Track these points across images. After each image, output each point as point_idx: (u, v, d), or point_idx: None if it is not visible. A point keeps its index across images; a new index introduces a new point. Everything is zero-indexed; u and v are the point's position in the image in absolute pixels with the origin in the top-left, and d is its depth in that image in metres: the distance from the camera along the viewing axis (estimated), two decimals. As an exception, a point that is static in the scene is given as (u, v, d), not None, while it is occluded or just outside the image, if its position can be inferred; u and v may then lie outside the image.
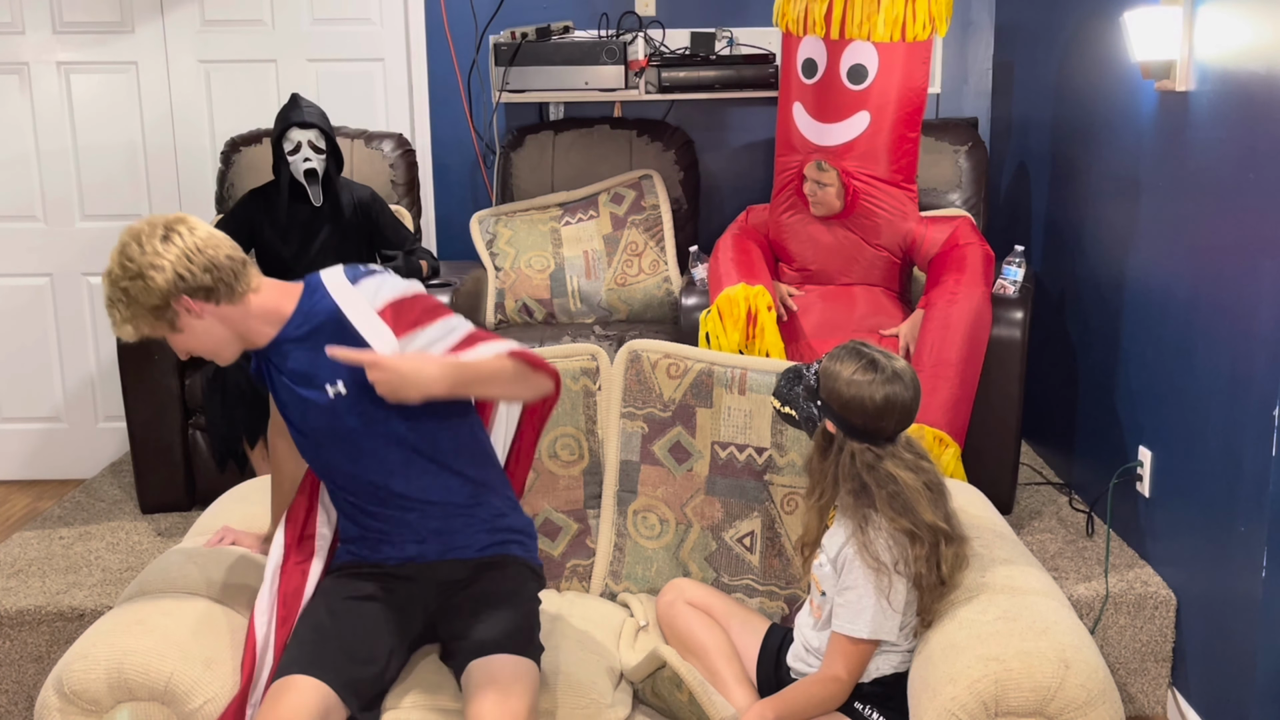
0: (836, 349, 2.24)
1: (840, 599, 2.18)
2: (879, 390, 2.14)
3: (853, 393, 2.15)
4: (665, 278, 3.89)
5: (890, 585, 2.14)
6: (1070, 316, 3.54)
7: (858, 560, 2.15)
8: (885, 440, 2.17)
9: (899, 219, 3.25)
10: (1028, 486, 3.55)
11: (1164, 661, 2.89)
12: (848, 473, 2.18)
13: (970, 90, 4.31)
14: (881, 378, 2.14)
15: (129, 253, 1.96)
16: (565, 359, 2.71)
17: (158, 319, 1.99)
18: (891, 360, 2.18)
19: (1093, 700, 1.92)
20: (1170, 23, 2.71)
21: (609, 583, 2.69)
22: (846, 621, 2.16)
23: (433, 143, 4.35)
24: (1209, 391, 2.65)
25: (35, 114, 4.24)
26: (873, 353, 2.19)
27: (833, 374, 2.18)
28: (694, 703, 2.21)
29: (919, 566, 2.14)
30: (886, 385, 2.14)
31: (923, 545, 2.14)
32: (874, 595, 2.14)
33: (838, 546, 2.21)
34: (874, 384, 2.14)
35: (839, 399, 2.17)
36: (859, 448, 2.17)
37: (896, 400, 2.14)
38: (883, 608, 2.14)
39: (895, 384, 2.15)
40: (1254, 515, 2.44)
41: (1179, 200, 2.80)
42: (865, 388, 2.14)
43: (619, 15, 4.17)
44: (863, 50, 3.10)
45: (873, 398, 2.14)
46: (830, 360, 2.21)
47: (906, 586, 2.17)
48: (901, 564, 2.15)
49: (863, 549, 2.15)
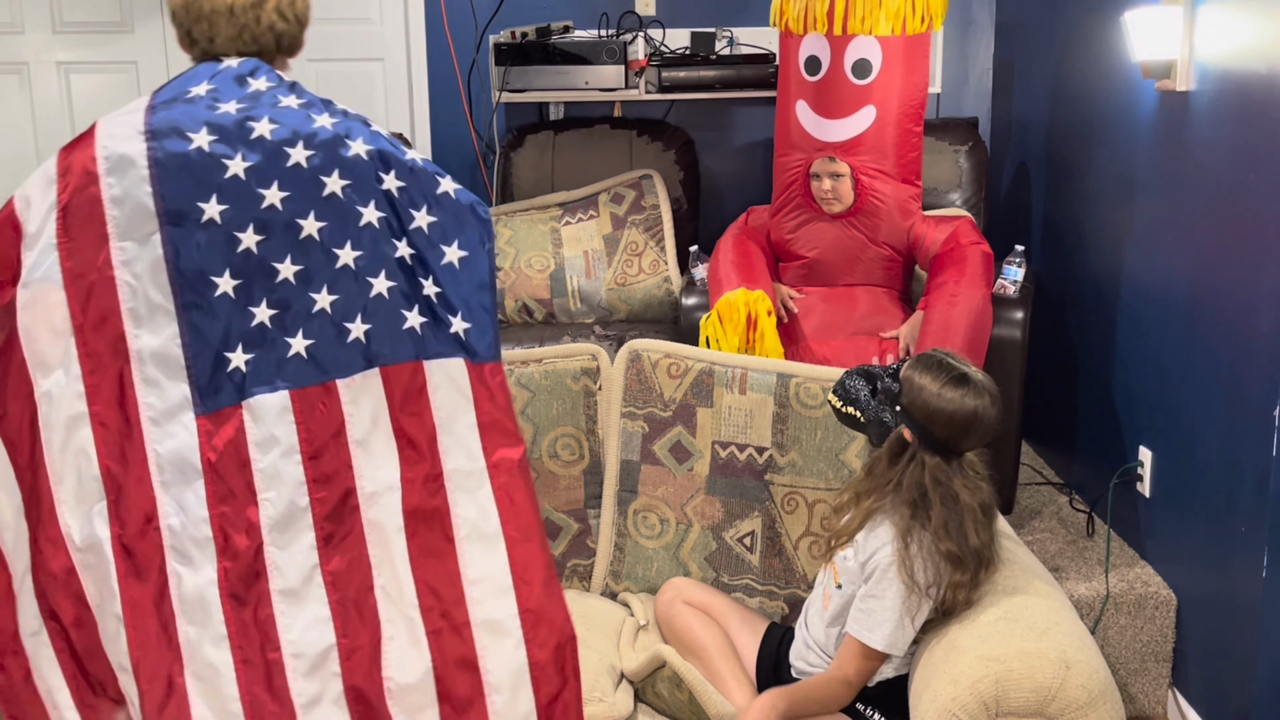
0: (922, 357, 2.22)
1: (863, 604, 2.17)
2: (969, 404, 2.12)
3: (941, 405, 2.13)
4: (665, 278, 3.89)
5: (919, 606, 2.14)
6: (1070, 316, 3.54)
7: (892, 571, 2.14)
8: (957, 456, 2.16)
9: (903, 215, 3.25)
10: (1028, 486, 3.55)
11: (1164, 661, 2.89)
12: (913, 482, 2.15)
13: (970, 90, 4.31)
14: (972, 392, 2.13)
15: None
16: (565, 359, 2.71)
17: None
18: (978, 374, 2.16)
19: (1093, 700, 1.92)
20: (1170, 22, 2.71)
21: (609, 582, 2.69)
22: (865, 629, 2.16)
23: (433, 143, 4.35)
24: (1209, 391, 2.65)
25: (35, 114, 4.24)
26: (960, 365, 2.17)
27: (920, 384, 2.16)
28: (694, 702, 2.21)
29: (954, 594, 2.13)
30: (976, 399, 2.13)
31: (965, 571, 2.12)
32: (899, 611, 2.13)
33: (872, 550, 2.19)
34: (964, 397, 2.12)
35: (924, 409, 2.14)
36: (933, 461, 2.15)
37: (984, 416, 2.13)
38: (904, 625, 2.14)
39: (983, 398, 2.13)
40: (1254, 515, 2.44)
41: (1179, 200, 2.80)
42: (955, 401, 2.12)
43: (619, 15, 4.17)
44: (866, 45, 3.11)
45: (961, 411, 2.12)
46: (915, 369, 2.19)
47: (931, 609, 2.16)
48: (934, 588, 2.14)
49: (901, 563, 2.13)
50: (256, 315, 1.70)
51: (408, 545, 1.68)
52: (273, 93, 1.77)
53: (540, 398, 2.68)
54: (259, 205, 1.70)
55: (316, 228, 1.72)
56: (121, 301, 1.68)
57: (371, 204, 1.73)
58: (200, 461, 1.67)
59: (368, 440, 1.70)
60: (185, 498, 1.66)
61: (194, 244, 1.68)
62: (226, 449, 1.68)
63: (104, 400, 1.68)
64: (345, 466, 1.69)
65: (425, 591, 1.67)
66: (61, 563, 1.68)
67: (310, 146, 1.73)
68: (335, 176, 1.72)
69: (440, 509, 1.68)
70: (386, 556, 1.68)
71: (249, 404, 1.69)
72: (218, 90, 1.74)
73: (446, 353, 1.71)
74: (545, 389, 2.69)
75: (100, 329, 1.69)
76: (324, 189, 1.73)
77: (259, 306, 1.70)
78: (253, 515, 1.67)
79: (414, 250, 1.74)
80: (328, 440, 1.70)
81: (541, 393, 2.69)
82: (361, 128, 1.77)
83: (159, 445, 1.67)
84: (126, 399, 1.68)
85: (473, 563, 1.67)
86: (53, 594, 1.69)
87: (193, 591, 1.65)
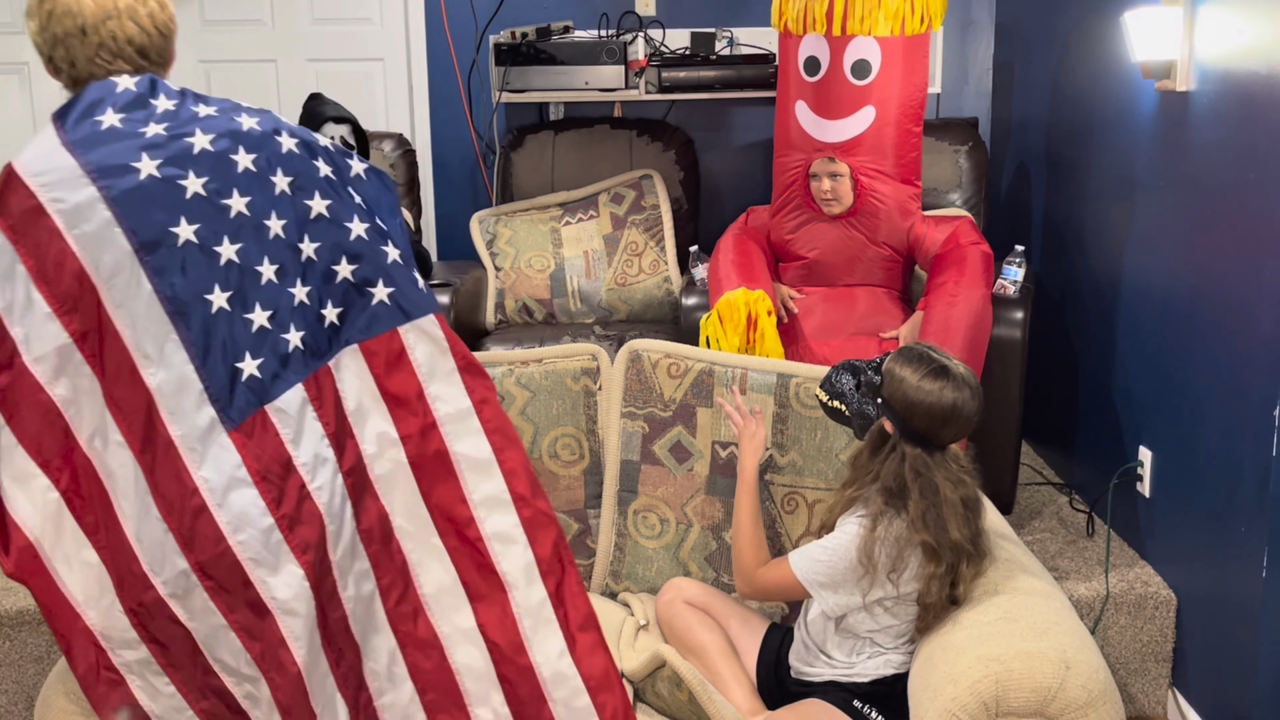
0: (903, 350, 2.25)
1: (815, 541, 2.27)
2: (947, 396, 2.14)
3: (919, 397, 2.15)
4: (665, 278, 3.89)
5: (871, 585, 2.17)
6: (1070, 316, 3.54)
7: (848, 538, 2.19)
8: (938, 448, 2.18)
9: (903, 216, 3.25)
10: (1028, 486, 3.55)
11: (1164, 661, 2.89)
12: (892, 473, 2.18)
13: (970, 90, 4.31)
14: (951, 385, 2.15)
15: None
16: (565, 359, 2.71)
17: None
18: (958, 367, 2.19)
19: (1093, 700, 1.92)
20: (1170, 23, 2.71)
21: (609, 582, 2.69)
22: (800, 554, 2.26)
23: (433, 143, 4.35)
24: (1209, 391, 2.65)
25: (35, 114, 4.24)
26: (941, 358, 2.19)
27: (900, 376, 2.18)
28: (694, 702, 2.21)
29: (928, 585, 2.14)
30: (955, 392, 2.15)
31: (940, 564, 2.13)
32: (837, 567, 2.19)
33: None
34: (943, 390, 2.14)
35: (904, 400, 2.17)
36: (913, 452, 2.17)
37: (963, 408, 2.15)
38: (836, 581, 2.20)
39: (963, 391, 2.15)
40: (1254, 515, 2.44)
41: (1179, 200, 2.80)
42: (934, 393, 2.14)
43: (619, 15, 4.17)
44: (865, 45, 3.11)
45: (940, 403, 2.14)
46: (896, 362, 2.21)
47: (898, 597, 2.18)
48: (896, 574, 2.15)
49: (863, 543, 2.16)
50: (255, 321, 1.76)
51: (418, 485, 1.89)
52: (184, 106, 1.79)
53: (540, 398, 2.68)
54: (228, 216, 1.75)
55: (280, 225, 1.79)
56: (128, 345, 1.71)
57: (317, 194, 1.83)
58: (248, 474, 1.73)
59: (360, 409, 1.86)
60: (247, 512, 1.73)
61: (178, 269, 1.71)
62: (267, 455, 1.75)
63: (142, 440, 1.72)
64: (350, 436, 1.84)
65: (440, 518, 1.90)
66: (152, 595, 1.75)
67: (251, 150, 1.79)
68: (280, 175, 1.80)
69: (440, 450, 1.89)
70: (401, 501, 1.89)
71: (273, 407, 1.76)
72: (130, 117, 1.74)
73: (416, 312, 1.87)
74: (545, 389, 2.69)
75: (119, 376, 1.72)
76: (275, 188, 1.80)
77: (254, 312, 1.76)
78: (311, 509, 1.78)
79: (369, 224, 1.86)
80: (335, 417, 1.82)
81: (541, 393, 2.69)
82: (278, 120, 1.85)
83: (203, 470, 1.71)
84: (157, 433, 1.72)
85: (475, 488, 1.90)
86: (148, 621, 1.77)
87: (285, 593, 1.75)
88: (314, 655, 1.80)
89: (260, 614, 1.75)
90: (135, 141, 1.72)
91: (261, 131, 1.81)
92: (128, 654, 1.79)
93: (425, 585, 1.90)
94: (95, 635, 1.79)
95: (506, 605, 1.91)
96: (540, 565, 1.92)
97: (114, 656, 1.79)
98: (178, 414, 1.71)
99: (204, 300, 1.72)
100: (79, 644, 1.79)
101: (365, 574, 1.87)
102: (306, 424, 1.79)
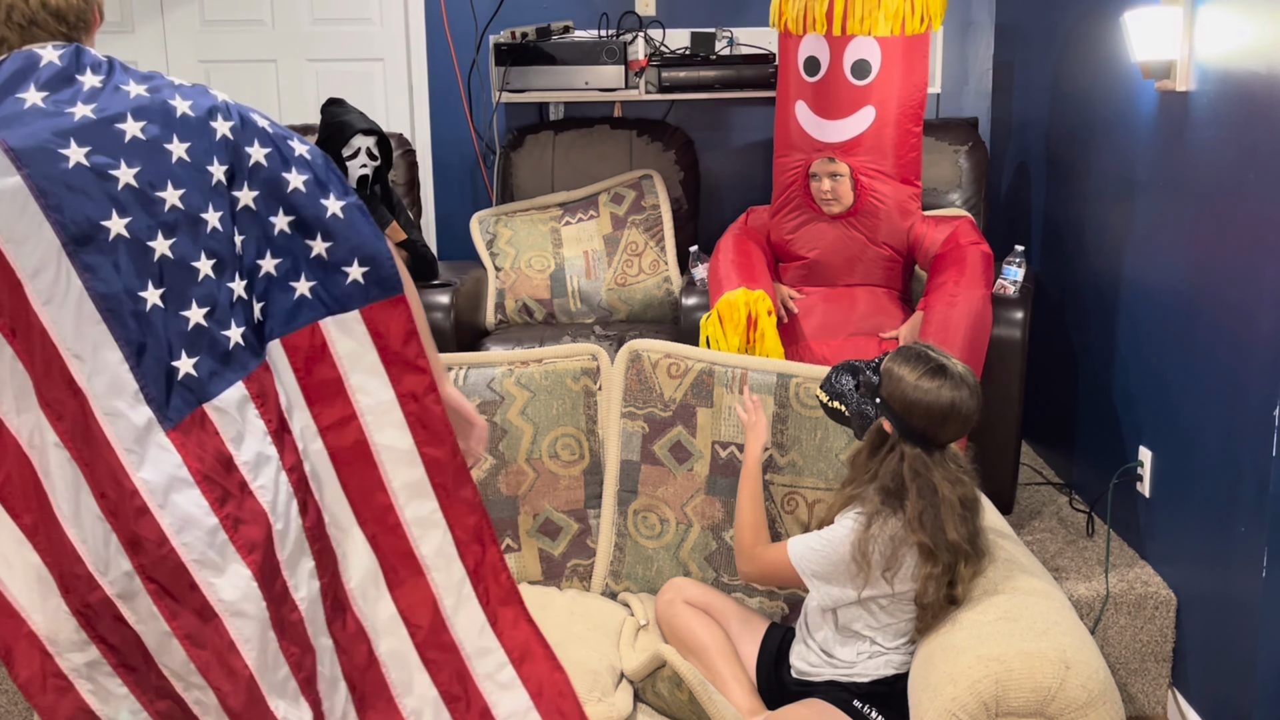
0: (901, 349, 2.25)
1: (815, 531, 2.29)
2: (945, 395, 2.14)
3: (918, 396, 2.15)
4: (665, 278, 3.89)
5: (865, 583, 2.18)
6: (1070, 316, 3.54)
7: (843, 533, 2.21)
8: (937, 447, 2.18)
9: (903, 216, 3.25)
10: (1028, 486, 3.55)
11: (1164, 661, 2.89)
12: (891, 472, 2.18)
13: (970, 90, 4.31)
14: (949, 384, 2.15)
15: None
16: (565, 359, 2.71)
17: None
18: (957, 366, 2.19)
19: (1093, 700, 1.92)
20: (1170, 23, 2.71)
21: (609, 582, 2.69)
22: (798, 540, 2.28)
23: (433, 143, 4.35)
24: (1209, 391, 2.65)
25: None
26: (939, 357, 2.19)
27: (898, 375, 2.18)
28: (694, 702, 2.21)
29: (925, 585, 2.14)
30: (953, 391, 2.15)
31: (936, 564, 2.13)
32: (830, 559, 2.21)
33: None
34: (941, 388, 2.15)
35: (902, 400, 2.17)
36: (912, 452, 2.17)
37: (961, 407, 2.15)
38: (829, 572, 2.22)
39: (961, 390, 2.16)
40: (1254, 515, 2.44)
41: (1179, 200, 2.80)
42: (932, 392, 2.14)
43: (619, 15, 4.17)
44: (865, 45, 3.11)
45: (938, 402, 2.14)
46: (895, 361, 2.21)
47: (887, 596, 2.18)
48: (890, 573, 2.16)
49: (857, 540, 2.17)
50: (191, 318, 1.69)
51: (338, 476, 1.85)
52: (112, 83, 1.69)
53: (540, 398, 2.69)
54: (162, 209, 1.67)
55: (216, 218, 1.72)
56: (57, 344, 1.62)
57: (245, 185, 1.76)
58: (189, 474, 1.67)
59: (289, 405, 1.81)
60: (189, 513, 1.67)
61: (110, 265, 1.63)
62: (208, 454, 1.69)
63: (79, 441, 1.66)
64: (288, 433, 1.80)
65: (360, 507, 1.86)
66: (98, 595, 1.69)
67: (185, 138, 1.70)
68: (215, 164, 1.72)
69: (360, 440, 1.85)
70: (329, 495, 1.85)
71: (211, 405, 1.70)
72: (55, 96, 1.64)
73: (338, 307, 1.81)
74: (545, 389, 2.69)
75: (49, 375, 1.64)
76: (211, 179, 1.72)
77: (190, 309, 1.69)
78: (254, 507, 1.72)
79: (294, 216, 1.78)
80: (277, 415, 1.78)
81: (541, 393, 2.69)
82: (213, 99, 1.77)
83: (142, 472, 1.65)
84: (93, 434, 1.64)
85: (395, 476, 1.86)
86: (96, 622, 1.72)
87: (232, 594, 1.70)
88: (268, 658, 1.74)
89: (206, 618, 1.69)
90: (60, 124, 1.61)
91: (195, 116, 1.72)
92: (76, 657, 1.72)
93: (351, 578, 1.86)
94: (41, 640, 1.72)
95: (427, 587, 1.89)
96: (459, 545, 1.91)
97: (61, 661, 1.73)
98: (113, 415, 1.63)
99: (137, 298, 1.64)
100: (21, 650, 1.72)
101: (313, 573, 1.82)
102: (248, 422, 1.73)
